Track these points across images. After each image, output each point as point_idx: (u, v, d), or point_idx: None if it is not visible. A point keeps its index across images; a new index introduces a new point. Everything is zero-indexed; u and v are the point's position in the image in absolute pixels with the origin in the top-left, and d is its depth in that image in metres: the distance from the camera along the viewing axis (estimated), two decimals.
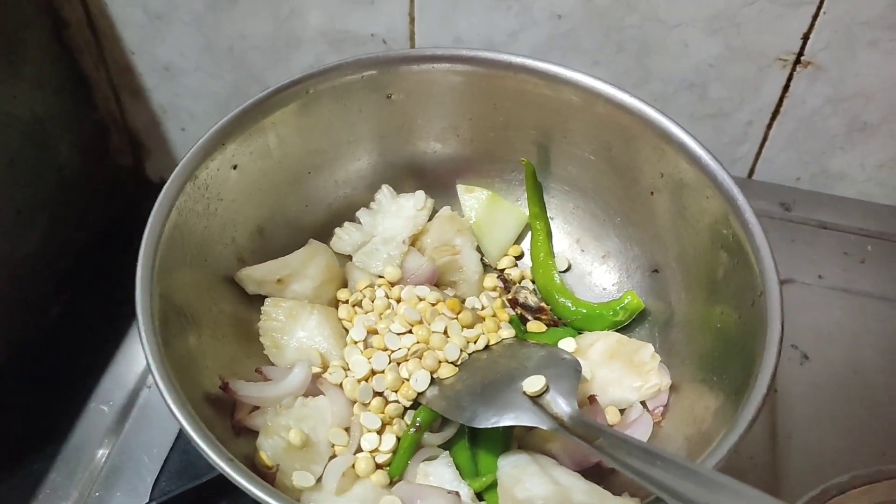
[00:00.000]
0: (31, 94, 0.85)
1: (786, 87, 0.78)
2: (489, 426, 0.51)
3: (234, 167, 0.58)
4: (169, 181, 0.54)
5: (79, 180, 0.95)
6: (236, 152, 0.58)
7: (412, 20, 0.81)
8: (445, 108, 0.64)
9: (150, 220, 0.52)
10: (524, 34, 0.79)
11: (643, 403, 0.57)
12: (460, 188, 0.67)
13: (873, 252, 0.79)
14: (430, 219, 0.65)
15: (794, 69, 0.77)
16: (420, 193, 0.65)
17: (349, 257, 0.65)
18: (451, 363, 0.56)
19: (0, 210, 0.82)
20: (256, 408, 0.54)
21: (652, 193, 0.61)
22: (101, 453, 0.61)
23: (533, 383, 0.52)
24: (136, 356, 0.66)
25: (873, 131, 0.79)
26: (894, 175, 0.81)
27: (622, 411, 0.58)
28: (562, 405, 0.50)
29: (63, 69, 0.90)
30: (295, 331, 0.58)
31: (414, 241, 0.64)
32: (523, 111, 0.63)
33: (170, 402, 0.47)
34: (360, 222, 0.65)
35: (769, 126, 0.82)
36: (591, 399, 0.56)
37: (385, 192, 0.66)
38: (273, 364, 0.58)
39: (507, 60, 0.61)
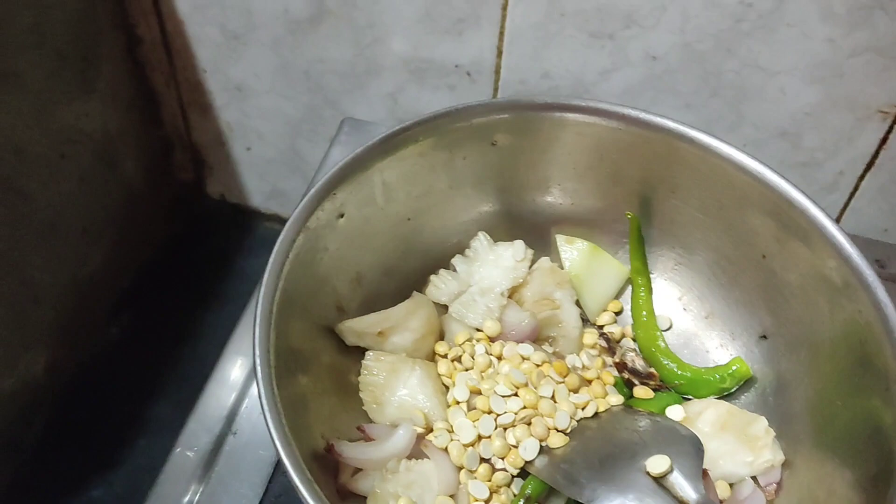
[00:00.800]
0: (103, 110, 0.84)
1: (884, 140, 0.76)
2: None
3: (341, 216, 0.56)
4: (284, 232, 0.52)
5: (143, 197, 0.93)
6: (344, 201, 0.56)
7: (499, 53, 0.79)
8: (550, 157, 0.62)
9: (266, 274, 0.50)
10: (616, 73, 0.77)
11: (754, 479, 0.55)
12: (559, 238, 0.65)
13: None
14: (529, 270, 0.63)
15: (894, 122, 0.75)
16: (519, 243, 0.63)
17: (445, 307, 0.62)
18: (561, 432, 0.54)
19: (68, 229, 0.81)
20: (359, 470, 0.52)
21: (764, 257, 0.59)
22: (188, 500, 0.59)
23: (658, 464, 0.50)
24: (220, 396, 0.64)
25: None
26: None
27: (731, 485, 0.56)
28: (688, 490, 0.48)
29: (134, 86, 0.89)
30: (397, 387, 0.56)
31: (512, 294, 0.62)
32: (631, 163, 0.61)
33: (284, 457, 0.45)
34: (455, 270, 0.63)
35: (861, 177, 0.80)
36: (704, 473, 0.54)
37: (482, 239, 0.64)
38: (372, 420, 0.56)
39: (620, 112, 0.59)
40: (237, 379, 0.65)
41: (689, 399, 0.60)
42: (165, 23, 0.85)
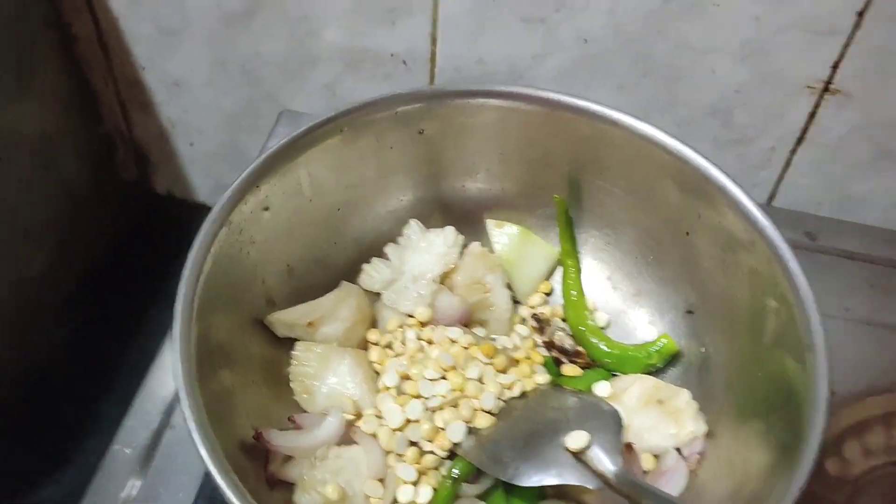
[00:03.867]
0: (41, 111, 0.84)
1: (812, 114, 0.77)
2: (532, 484, 0.50)
3: (266, 209, 0.57)
4: (204, 226, 0.52)
5: (86, 196, 0.93)
6: (269, 193, 0.56)
7: (434, 41, 0.80)
8: (478, 144, 0.63)
9: (186, 269, 0.51)
10: (549, 57, 0.78)
11: (678, 450, 0.57)
12: (490, 223, 0.66)
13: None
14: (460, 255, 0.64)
15: (821, 96, 0.76)
16: (450, 230, 0.64)
17: (377, 295, 0.63)
18: (488, 412, 0.55)
19: (9, 231, 0.81)
20: (289, 458, 0.53)
21: (688, 234, 0.60)
22: (126, 496, 0.59)
23: (576, 439, 0.51)
24: (158, 391, 0.64)
25: None
26: None
27: (656, 458, 0.57)
28: (606, 462, 0.50)
29: (72, 84, 0.88)
30: (326, 376, 0.57)
31: (444, 279, 0.63)
32: (557, 147, 0.62)
33: (204, 453, 0.45)
34: (388, 258, 0.64)
35: (793, 151, 0.81)
36: (629, 447, 0.55)
37: (414, 227, 0.64)
38: (303, 410, 0.57)
39: (543, 97, 0.60)
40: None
41: (617, 376, 0.61)
42: (100, 20, 0.85)
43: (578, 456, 0.51)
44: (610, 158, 0.61)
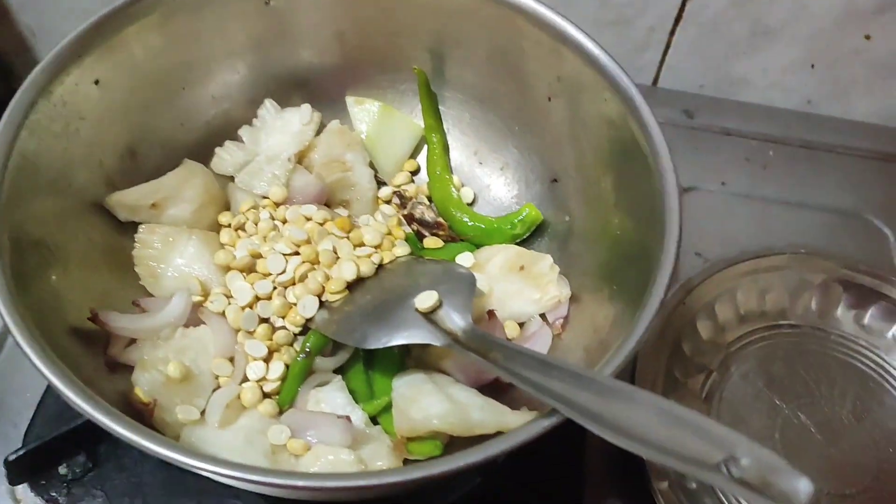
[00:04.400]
0: None
1: None
2: (380, 346, 0.49)
3: (96, 82, 0.53)
4: (16, 97, 0.49)
5: None
6: (96, 66, 0.52)
7: None
8: (328, 13, 0.60)
9: None
10: None
11: (543, 316, 0.56)
12: (349, 100, 0.63)
13: (775, 157, 0.78)
14: (318, 134, 0.61)
15: None
16: (306, 107, 0.61)
17: (232, 178, 0.60)
18: (344, 281, 0.52)
19: None
20: (133, 342, 0.51)
21: (549, 99, 0.58)
22: None
23: (424, 299, 0.49)
24: None
25: (775, 35, 0.78)
26: (796, 79, 0.80)
27: (522, 325, 0.56)
28: (455, 320, 0.48)
29: None
30: (172, 258, 0.54)
31: (301, 159, 0.60)
32: (413, 15, 0.59)
33: (24, 345, 0.42)
34: (242, 141, 0.61)
35: (672, 32, 0.80)
36: (490, 314, 0.54)
37: (268, 106, 0.61)
38: (151, 295, 0.54)
39: None
40: None
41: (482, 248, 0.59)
42: None
43: (429, 316, 0.49)
44: (467, 26, 0.59)
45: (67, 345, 0.47)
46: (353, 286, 0.53)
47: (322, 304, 0.52)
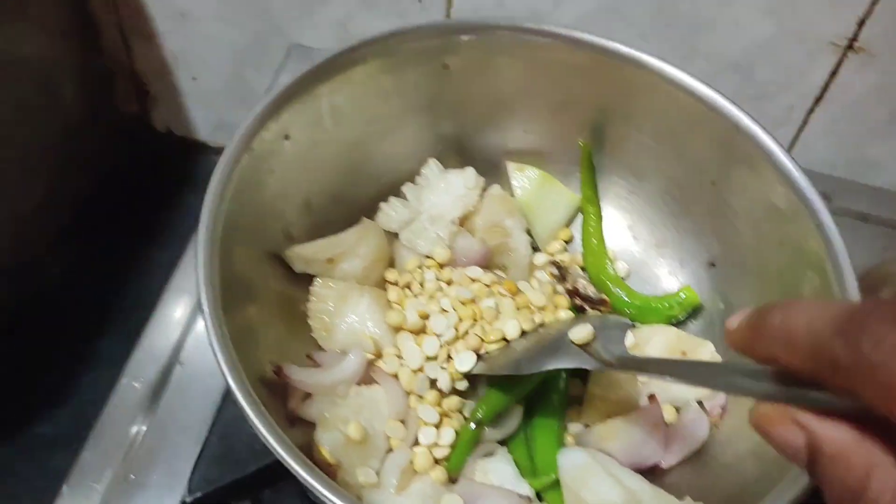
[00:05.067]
0: (39, 36, 0.80)
1: (834, 73, 0.76)
2: (535, 371, 0.50)
3: (287, 137, 0.54)
4: (226, 151, 0.50)
5: (83, 127, 0.90)
6: (290, 122, 0.54)
7: None
8: (502, 82, 0.61)
9: (209, 195, 0.48)
10: (570, 2, 0.76)
11: (700, 403, 0.56)
12: (511, 166, 0.64)
13: None
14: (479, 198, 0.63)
15: (844, 54, 0.75)
16: (470, 171, 0.62)
17: (395, 235, 0.62)
18: (502, 333, 0.53)
19: (5, 160, 0.78)
20: (308, 396, 0.52)
21: (713, 184, 0.59)
22: (136, 433, 0.57)
23: (578, 331, 0.50)
24: (165, 328, 0.63)
25: None
26: None
27: (678, 410, 0.56)
28: (610, 350, 0.49)
29: (70, 11, 0.85)
30: (345, 314, 0.55)
31: (463, 222, 0.61)
32: (583, 90, 0.61)
33: (232, 383, 0.43)
34: (405, 197, 0.62)
35: (811, 111, 0.80)
36: (651, 398, 0.54)
37: (432, 166, 0.63)
38: (322, 349, 0.56)
39: (573, 36, 0.58)
40: (183, 311, 0.64)
41: (638, 326, 0.60)
42: None
43: (584, 347, 0.50)
44: (636, 103, 0.60)
45: (257, 390, 0.47)
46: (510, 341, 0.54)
47: (479, 357, 0.53)
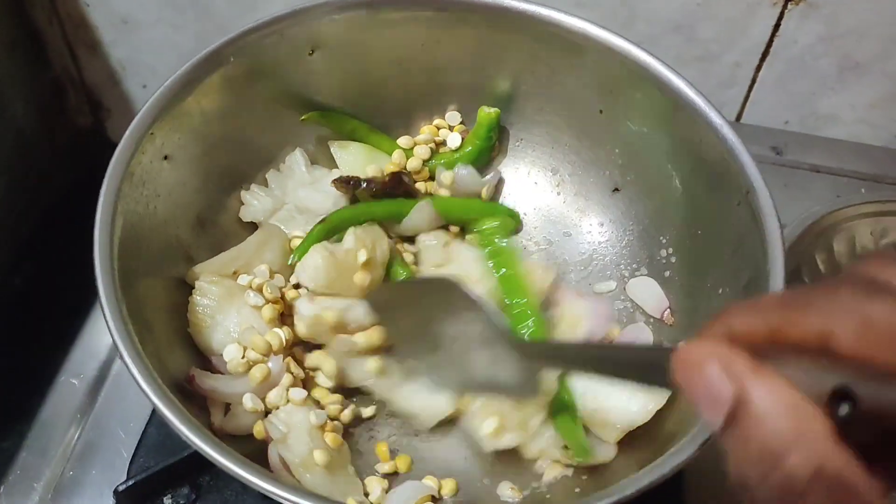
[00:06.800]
0: None
1: (776, 27, 0.73)
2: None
3: (165, 157, 0.54)
4: (105, 181, 0.50)
5: (37, 142, 0.91)
6: (165, 140, 0.54)
7: None
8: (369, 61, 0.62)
9: (97, 232, 0.48)
10: None
11: None
12: (333, 145, 0.65)
13: (868, 195, 0.75)
14: None
15: (785, 6, 0.71)
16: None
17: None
18: None
19: None
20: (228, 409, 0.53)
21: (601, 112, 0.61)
22: (74, 430, 0.59)
23: None
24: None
25: (865, 70, 0.74)
26: (886, 115, 0.77)
27: None
28: None
29: (14, 24, 0.85)
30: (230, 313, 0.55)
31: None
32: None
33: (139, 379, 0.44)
34: (268, 185, 0.62)
35: (758, 68, 0.77)
36: None
37: (297, 156, 0.63)
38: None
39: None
40: None
41: None
42: None
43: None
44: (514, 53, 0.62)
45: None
46: None
47: None
